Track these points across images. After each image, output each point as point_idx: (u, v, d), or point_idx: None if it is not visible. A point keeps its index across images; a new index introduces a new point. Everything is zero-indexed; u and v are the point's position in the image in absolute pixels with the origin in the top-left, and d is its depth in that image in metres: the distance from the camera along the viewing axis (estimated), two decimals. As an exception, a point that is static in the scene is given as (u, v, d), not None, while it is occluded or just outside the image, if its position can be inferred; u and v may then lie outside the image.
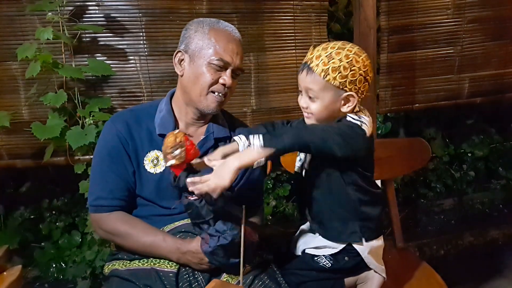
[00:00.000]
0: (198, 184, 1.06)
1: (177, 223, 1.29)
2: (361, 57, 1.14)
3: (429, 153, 1.70)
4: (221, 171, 1.04)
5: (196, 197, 1.09)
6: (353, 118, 1.16)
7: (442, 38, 2.35)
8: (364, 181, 1.22)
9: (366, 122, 1.16)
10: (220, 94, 1.29)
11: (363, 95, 1.19)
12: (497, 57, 2.43)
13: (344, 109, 1.17)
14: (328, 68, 1.11)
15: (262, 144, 1.05)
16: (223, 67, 1.27)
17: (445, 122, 3.06)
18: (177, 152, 1.09)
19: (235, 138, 1.17)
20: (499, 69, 2.45)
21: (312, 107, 1.17)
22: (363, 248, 1.24)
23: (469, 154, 3.05)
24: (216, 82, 1.27)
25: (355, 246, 1.23)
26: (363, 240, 1.23)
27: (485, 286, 2.27)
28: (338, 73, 1.11)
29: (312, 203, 1.28)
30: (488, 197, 2.98)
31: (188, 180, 1.08)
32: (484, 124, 3.16)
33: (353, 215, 1.23)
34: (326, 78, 1.12)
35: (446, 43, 2.36)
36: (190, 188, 1.08)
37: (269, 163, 1.64)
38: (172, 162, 1.10)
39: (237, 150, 1.14)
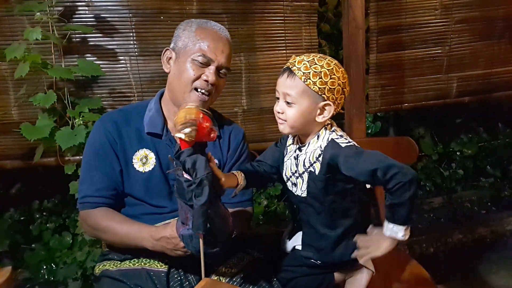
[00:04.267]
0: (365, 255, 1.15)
1: (168, 221, 1.28)
2: (340, 69, 1.15)
3: (416, 151, 1.72)
4: (380, 244, 1.13)
5: (189, 178, 1.02)
6: (345, 142, 1.14)
7: (431, 38, 2.38)
8: (360, 192, 1.23)
9: (349, 139, 1.17)
10: (204, 91, 1.29)
11: (338, 108, 1.18)
12: (484, 57, 2.46)
13: (319, 119, 1.16)
14: (310, 72, 1.12)
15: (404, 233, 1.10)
16: (206, 63, 1.28)
17: (434, 121, 3.10)
18: (186, 130, 1.00)
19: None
20: (486, 69, 2.49)
21: (288, 113, 1.15)
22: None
23: (458, 153, 3.09)
24: (198, 78, 1.28)
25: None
26: None
27: (473, 283, 2.30)
28: (319, 78, 1.11)
29: (311, 228, 1.27)
30: (477, 195, 3.01)
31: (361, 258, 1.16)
32: (472, 123, 3.20)
33: (354, 230, 1.23)
34: (306, 82, 1.11)
35: (435, 43, 2.39)
36: (361, 261, 1.15)
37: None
38: (181, 136, 1.01)
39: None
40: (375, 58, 2.33)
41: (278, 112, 1.18)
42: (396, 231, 1.09)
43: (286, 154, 1.28)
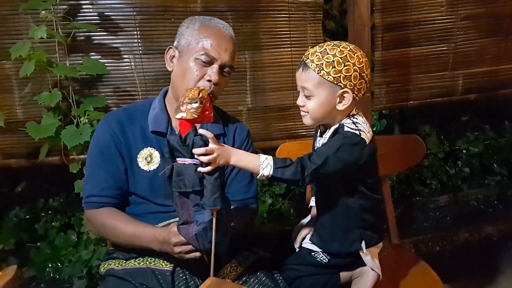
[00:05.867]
0: (213, 145, 1.03)
1: (172, 220, 1.28)
2: (356, 54, 1.14)
3: (423, 149, 1.71)
4: (225, 151, 1.05)
5: (197, 161, 1.02)
6: (351, 128, 1.16)
7: (436, 35, 2.36)
8: (367, 187, 1.22)
9: (363, 130, 1.16)
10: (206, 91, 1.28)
11: (360, 94, 1.18)
12: (490, 54, 2.44)
13: (340, 107, 1.16)
14: (322, 63, 1.12)
15: (271, 172, 1.07)
16: (209, 62, 1.26)
17: (440, 119, 3.07)
18: (194, 105, 1.02)
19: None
20: (492, 66, 2.46)
21: (308, 105, 1.17)
22: (363, 253, 1.25)
23: (464, 151, 3.06)
24: (201, 78, 1.26)
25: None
26: (364, 248, 1.24)
27: (480, 282, 2.28)
28: (332, 67, 1.11)
29: (318, 214, 1.30)
30: (483, 193, 2.98)
31: (206, 133, 1.02)
32: (478, 121, 3.17)
33: (355, 223, 1.23)
34: (320, 73, 1.12)
35: (440, 40, 2.37)
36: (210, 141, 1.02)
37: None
38: (183, 115, 1.02)
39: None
40: (380, 55, 2.31)
41: (300, 105, 1.20)
42: (265, 168, 1.08)
43: (315, 140, 1.31)
